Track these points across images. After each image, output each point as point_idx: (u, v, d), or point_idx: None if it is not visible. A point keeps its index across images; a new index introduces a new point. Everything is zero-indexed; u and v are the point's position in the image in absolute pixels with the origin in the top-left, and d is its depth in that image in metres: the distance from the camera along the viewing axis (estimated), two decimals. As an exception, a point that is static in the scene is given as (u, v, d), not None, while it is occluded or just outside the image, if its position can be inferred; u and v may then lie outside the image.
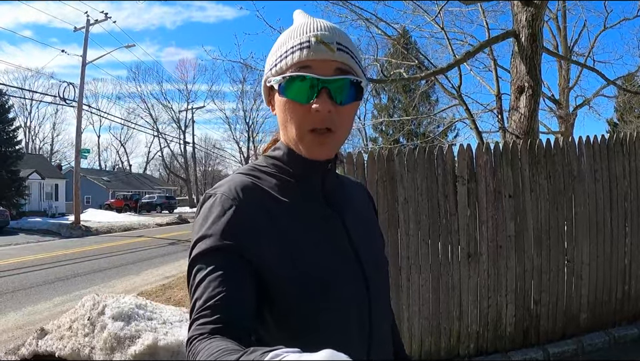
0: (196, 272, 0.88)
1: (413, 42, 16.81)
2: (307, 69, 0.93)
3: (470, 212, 4.32)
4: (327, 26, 0.97)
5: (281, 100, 0.97)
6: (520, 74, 6.49)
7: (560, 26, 15.66)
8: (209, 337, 0.78)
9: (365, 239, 1.08)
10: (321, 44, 0.93)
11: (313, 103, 0.93)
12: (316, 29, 0.95)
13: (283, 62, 0.95)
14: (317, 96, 0.93)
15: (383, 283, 1.11)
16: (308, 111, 0.94)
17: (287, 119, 0.97)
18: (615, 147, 4.86)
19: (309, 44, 0.93)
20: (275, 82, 0.96)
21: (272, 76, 0.98)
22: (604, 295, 4.75)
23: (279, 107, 0.99)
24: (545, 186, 4.52)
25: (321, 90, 0.93)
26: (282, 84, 0.95)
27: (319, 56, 0.93)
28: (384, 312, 1.09)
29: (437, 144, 12.80)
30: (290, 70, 0.94)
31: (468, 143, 4.41)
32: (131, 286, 9.13)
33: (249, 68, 10.44)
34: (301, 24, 0.98)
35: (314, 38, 0.93)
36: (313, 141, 0.96)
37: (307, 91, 0.93)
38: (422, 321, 4.20)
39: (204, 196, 0.99)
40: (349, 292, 0.98)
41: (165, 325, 5.05)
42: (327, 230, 1.01)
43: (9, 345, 5.53)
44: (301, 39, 0.94)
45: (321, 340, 0.80)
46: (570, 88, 15.59)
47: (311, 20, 0.99)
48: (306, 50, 0.93)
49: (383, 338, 1.07)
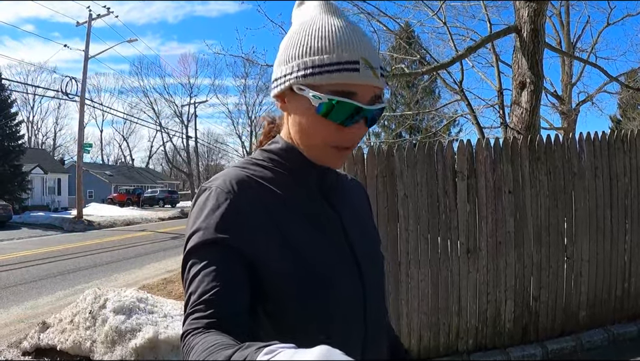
0: (190, 266, 0.88)
1: (416, 37, 16.78)
2: (352, 96, 0.88)
3: (470, 208, 4.33)
4: (371, 46, 0.92)
5: (310, 109, 0.91)
6: (522, 69, 6.47)
7: (563, 21, 15.59)
8: (203, 331, 0.78)
9: (361, 235, 1.08)
10: (369, 70, 0.89)
11: (349, 127, 0.91)
12: (364, 48, 0.90)
13: (324, 77, 0.88)
14: (354, 122, 0.91)
15: (378, 280, 1.11)
16: (339, 130, 0.92)
17: (312, 131, 0.94)
18: (615, 144, 4.85)
19: (358, 67, 0.88)
20: (313, 99, 0.89)
21: (302, 81, 0.90)
22: (603, 292, 4.76)
23: (304, 115, 0.94)
24: (545, 182, 4.52)
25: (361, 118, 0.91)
26: (322, 103, 0.89)
27: (365, 82, 0.89)
28: (379, 309, 1.09)
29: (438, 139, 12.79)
30: (330, 88, 0.88)
31: (468, 139, 4.41)
32: (133, 280, 9.17)
33: (251, 62, 10.42)
34: (346, 34, 0.90)
35: (363, 62, 0.88)
36: (334, 156, 0.97)
37: (347, 116, 0.90)
38: (421, 316, 4.22)
39: (199, 190, 0.98)
40: (345, 288, 0.98)
41: (166, 319, 5.07)
42: (323, 225, 1.01)
43: (11, 338, 5.57)
44: (349, 57, 0.88)
45: (316, 336, 0.79)
46: (573, 84, 15.53)
47: (356, 33, 0.92)
48: (355, 75, 0.87)
49: (377, 334, 1.07)
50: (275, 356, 0.58)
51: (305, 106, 0.92)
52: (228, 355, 0.66)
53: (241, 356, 0.63)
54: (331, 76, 0.87)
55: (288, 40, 0.94)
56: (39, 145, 56.50)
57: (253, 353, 0.62)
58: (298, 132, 0.98)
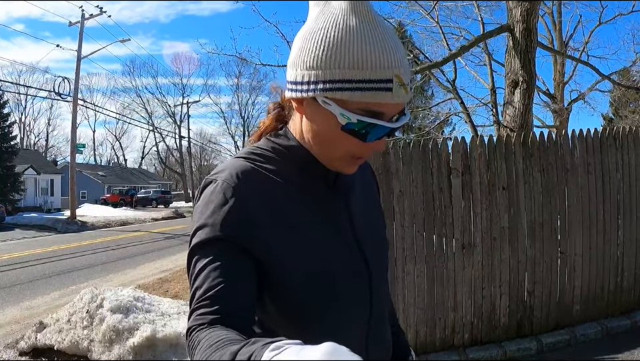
0: (196, 261, 0.87)
1: (409, 37, 16.85)
2: (381, 116, 0.84)
3: (464, 204, 4.37)
4: (404, 57, 0.86)
5: (335, 124, 0.86)
6: (514, 68, 6.53)
7: (555, 20, 15.71)
8: (209, 327, 0.78)
9: (367, 223, 1.07)
10: (401, 88, 0.83)
11: (372, 142, 0.88)
12: (399, 64, 0.83)
13: (355, 95, 0.82)
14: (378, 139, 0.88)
15: (383, 273, 1.10)
16: (360, 144, 0.88)
17: (332, 142, 0.90)
18: (607, 141, 4.91)
19: (391, 86, 0.82)
20: (341, 117, 0.84)
21: (328, 93, 0.84)
22: (597, 287, 4.81)
23: (325, 124, 0.89)
24: (539, 178, 4.57)
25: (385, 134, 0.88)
26: (349, 122, 0.85)
27: (396, 100, 0.83)
28: (383, 303, 1.09)
29: (432, 137, 12.83)
30: (358, 106, 0.83)
31: (462, 136, 4.46)
32: (128, 280, 9.15)
33: (245, 62, 10.42)
34: (379, 46, 0.82)
35: (397, 80, 0.82)
36: (350, 163, 0.94)
37: (373, 134, 0.87)
38: (417, 311, 4.25)
39: (204, 182, 0.96)
40: (352, 284, 0.98)
41: (163, 317, 5.09)
42: (331, 220, 1.00)
43: (7, 339, 5.57)
44: (383, 75, 0.81)
45: (323, 332, 0.82)
46: (565, 83, 15.66)
47: (389, 43, 0.84)
48: (388, 95, 0.82)
49: (381, 326, 1.08)
50: (282, 352, 0.58)
51: (328, 119, 0.87)
52: (234, 351, 0.65)
53: (248, 351, 0.63)
54: (362, 95, 0.82)
55: (309, 40, 0.86)
56: (32, 146, 56.16)
57: (259, 349, 0.61)
58: (314, 138, 0.93)
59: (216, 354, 0.68)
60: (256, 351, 0.62)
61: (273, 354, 0.58)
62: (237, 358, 0.64)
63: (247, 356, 0.62)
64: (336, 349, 0.55)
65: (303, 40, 0.87)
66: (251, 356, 0.61)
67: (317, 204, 0.99)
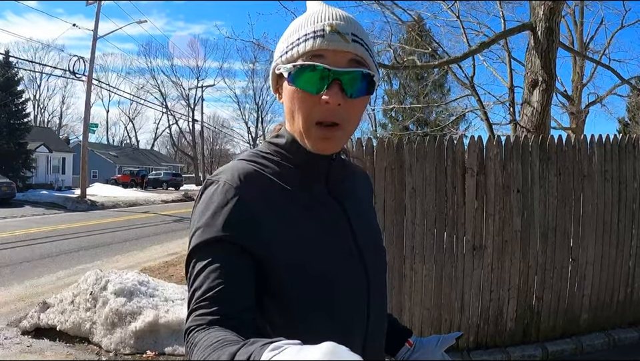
0: (195, 262, 0.87)
1: (428, 30, 16.66)
2: (320, 59, 0.89)
3: (477, 205, 4.29)
4: (342, 16, 0.93)
5: (290, 88, 0.93)
6: (534, 67, 6.41)
7: (577, 21, 15.44)
8: (207, 328, 0.78)
9: (365, 228, 1.07)
10: (335, 34, 0.89)
11: (322, 94, 0.89)
12: (331, 18, 0.91)
13: (295, 50, 0.91)
14: (327, 88, 0.89)
15: (382, 277, 1.11)
16: (317, 102, 0.90)
17: (295, 109, 0.94)
18: (627, 148, 4.80)
19: (323, 32, 0.89)
20: (284, 71, 0.92)
21: (282, 63, 0.94)
22: (606, 297, 4.72)
23: (287, 96, 0.95)
24: (555, 182, 4.47)
25: (333, 81, 0.89)
26: (292, 72, 0.91)
27: (332, 46, 0.89)
28: (381, 306, 1.09)
29: (446, 133, 12.70)
30: (301, 59, 0.90)
31: (479, 135, 4.37)
32: (135, 262, 9.18)
33: (262, 48, 10.35)
34: (316, 11, 0.94)
35: (328, 27, 0.89)
36: (319, 135, 0.94)
37: (318, 82, 0.89)
38: (423, 311, 4.20)
39: (205, 183, 0.97)
40: (351, 286, 0.98)
41: (167, 302, 5.08)
42: (330, 219, 1.00)
43: (10, 317, 5.59)
44: (315, 27, 0.90)
45: (321, 333, 0.79)
46: (584, 85, 15.42)
47: (326, 9, 0.94)
48: (319, 39, 0.89)
49: (378, 328, 1.07)
50: (281, 352, 0.58)
51: (286, 85, 0.94)
52: (233, 351, 0.65)
53: (246, 351, 0.63)
54: (298, 48, 0.91)
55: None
56: (45, 124, 56.41)
57: (258, 349, 0.61)
58: (289, 119, 0.98)
59: (214, 354, 0.68)
60: (255, 351, 0.62)
61: (272, 354, 0.58)
62: (235, 358, 0.64)
63: (245, 356, 0.62)
64: (336, 349, 0.55)
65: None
66: (250, 356, 0.62)
67: (317, 207, 1.00)
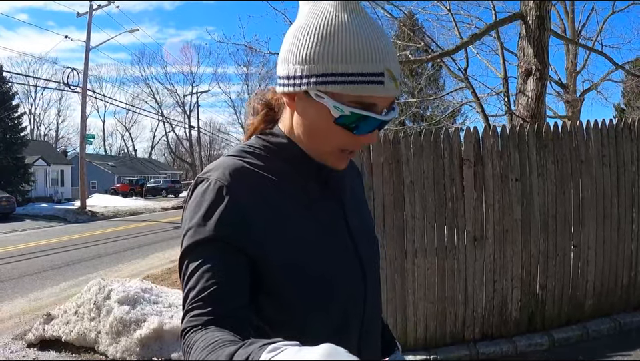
0: (189, 263, 0.86)
1: (420, 25, 16.65)
2: (372, 107, 0.86)
3: (476, 196, 4.29)
4: (394, 52, 0.88)
5: (327, 117, 0.87)
6: (527, 57, 6.41)
7: (568, 9, 15.44)
8: (203, 328, 0.77)
9: (359, 220, 1.06)
10: (392, 82, 0.85)
11: (363, 135, 0.89)
12: (389, 58, 0.85)
13: (348, 88, 0.83)
14: (369, 132, 0.89)
15: (376, 272, 1.11)
16: (351, 137, 0.89)
17: (324, 136, 0.91)
18: (623, 132, 4.79)
19: (383, 79, 0.83)
20: (334, 109, 0.85)
21: (320, 86, 0.85)
22: (610, 282, 4.72)
23: (317, 118, 0.89)
24: (552, 170, 4.47)
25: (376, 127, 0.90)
26: (342, 115, 0.86)
27: (387, 94, 0.86)
28: (376, 301, 1.09)
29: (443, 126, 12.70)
30: (350, 99, 0.84)
31: (475, 126, 4.37)
32: (137, 270, 9.18)
33: (254, 50, 10.34)
34: (369, 39, 0.84)
35: (388, 74, 0.84)
36: (341, 158, 0.95)
37: (364, 127, 0.88)
38: (427, 305, 4.20)
39: (195, 181, 0.95)
40: (347, 284, 0.97)
41: (171, 309, 5.07)
42: (324, 214, 0.99)
43: (16, 330, 5.59)
44: (374, 68, 0.83)
45: (318, 332, 0.81)
46: (577, 72, 15.41)
47: (380, 38, 0.85)
48: (379, 88, 0.83)
49: (373, 328, 1.07)
50: (279, 353, 0.58)
51: (321, 112, 0.87)
52: (231, 352, 0.65)
53: (245, 352, 0.63)
54: (355, 88, 0.83)
55: (301, 35, 0.87)
56: (42, 137, 56.41)
57: (256, 350, 0.61)
58: (306, 133, 0.93)
59: (212, 355, 0.68)
60: (253, 352, 0.61)
61: (271, 355, 0.58)
62: (234, 359, 0.63)
63: (244, 356, 0.62)
64: (334, 350, 0.55)
65: (295, 35, 0.88)
66: (249, 357, 0.61)
67: (311, 203, 0.98)
